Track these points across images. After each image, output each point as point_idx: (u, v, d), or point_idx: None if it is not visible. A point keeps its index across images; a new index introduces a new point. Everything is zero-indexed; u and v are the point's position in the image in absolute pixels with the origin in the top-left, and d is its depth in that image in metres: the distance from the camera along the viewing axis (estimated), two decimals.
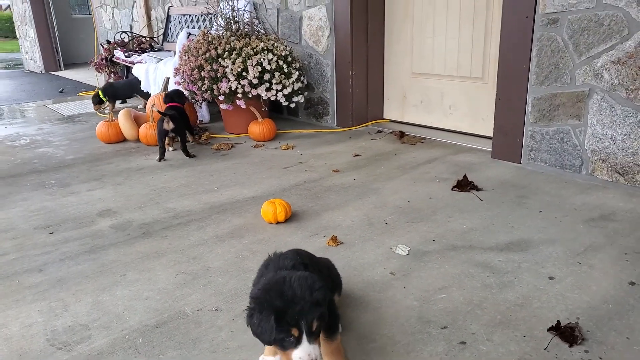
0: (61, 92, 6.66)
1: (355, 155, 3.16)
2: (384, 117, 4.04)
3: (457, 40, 3.37)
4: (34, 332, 1.48)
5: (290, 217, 2.22)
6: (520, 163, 2.88)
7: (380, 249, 1.94)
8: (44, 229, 2.20)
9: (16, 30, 10.48)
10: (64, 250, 2.00)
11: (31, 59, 9.90)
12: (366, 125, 3.91)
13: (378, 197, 2.46)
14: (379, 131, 3.74)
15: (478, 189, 2.52)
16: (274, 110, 4.44)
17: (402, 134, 3.51)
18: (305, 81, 3.76)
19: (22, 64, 10.70)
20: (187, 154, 3.19)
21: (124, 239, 2.09)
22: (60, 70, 9.43)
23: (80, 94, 6.15)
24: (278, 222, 2.16)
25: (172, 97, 3.29)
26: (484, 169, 2.82)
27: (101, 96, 4.54)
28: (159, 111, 3.19)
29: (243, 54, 3.37)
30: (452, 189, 2.53)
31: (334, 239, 2.00)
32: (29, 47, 9.88)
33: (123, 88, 4.69)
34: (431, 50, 3.55)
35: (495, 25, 3.10)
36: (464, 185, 2.55)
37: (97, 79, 6.48)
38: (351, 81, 3.73)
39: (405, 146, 3.34)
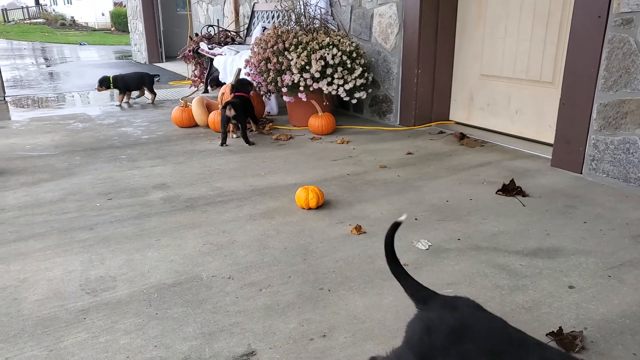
0: (157, 80, 7.24)
1: (408, 154, 3.15)
2: (450, 118, 3.96)
3: (528, 42, 3.23)
4: (72, 278, 1.69)
5: (323, 205, 2.29)
6: (581, 173, 2.71)
7: (402, 242, 1.95)
8: (104, 195, 2.46)
9: (128, 25, 11.51)
10: (115, 214, 2.22)
11: (138, 51, 10.83)
12: (429, 126, 3.86)
13: (416, 194, 2.46)
14: (441, 132, 3.68)
15: (524, 195, 2.42)
16: (341, 107, 4.52)
17: (462, 136, 3.43)
18: (370, 78, 3.80)
19: (130, 55, 11.75)
20: (247, 142, 3.36)
21: (169, 209, 2.28)
22: (162, 62, 10.22)
23: (170, 82, 6.67)
24: (310, 208, 2.24)
25: (238, 87, 3.48)
26: (539, 176, 2.69)
27: (110, 83, 4.94)
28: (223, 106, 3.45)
29: (308, 48, 3.48)
30: (496, 193, 2.45)
31: (358, 227, 2.04)
32: (137, 40, 10.82)
33: (130, 80, 5.11)
34: (501, 52, 3.43)
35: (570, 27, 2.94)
36: (509, 189, 2.46)
37: (187, 70, 6.96)
38: (416, 80, 3.71)
39: (463, 148, 3.27)
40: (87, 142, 3.52)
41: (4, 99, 5.50)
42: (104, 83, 4.93)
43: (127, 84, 5.06)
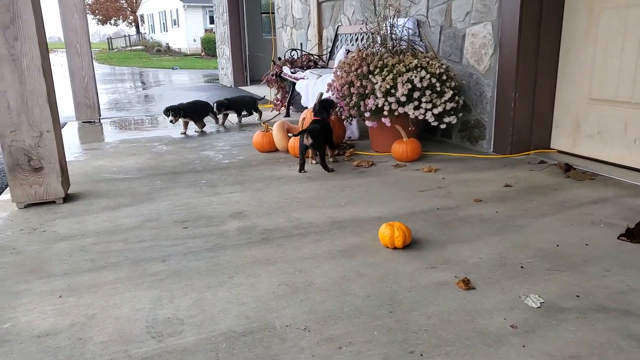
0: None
1: (506, 186, 2.82)
2: (551, 146, 3.56)
3: None
4: (138, 317, 1.57)
5: (409, 244, 2.04)
6: None
7: (506, 295, 1.66)
8: (180, 223, 2.38)
9: (217, 50, 11.98)
10: (189, 245, 2.12)
11: (225, 75, 11.20)
12: (527, 154, 3.49)
13: (520, 235, 2.14)
14: (542, 162, 3.30)
15: None
16: (427, 131, 4.26)
17: (568, 167, 3.04)
18: (461, 101, 3.51)
19: (217, 79, 12.19)
20: (326, 169, 3.20)
21: (244, 242, 2.15)
22: (247, 85, 10.48)
23: None
24: (395, 248, 2.00)
25: (316, 111, 3.35)
26: None
27: (180, 112, 4.67)
28: (290, 134, 3.38)
29: (394, 71, 3.28)
30: (618, 238, 2.08)
31: (466, 282, 1.72)
32: (224, 64, 11.21)
33: (187, 109, 4.77)
34: (616, 73, 3.02)
35: None
36: (636, 234, 2.07)
37: (270, 93, 7.01)
38: (513, 104, 3.37)
39: (570, 181, 2.88)
40: (169, 166, 3.53)
41: (99, 121, 5.80)
42: (170, 112, 4.66)
43: (185, 113, 4.76)
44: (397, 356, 1.35)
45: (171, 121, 4.65)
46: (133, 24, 49.34)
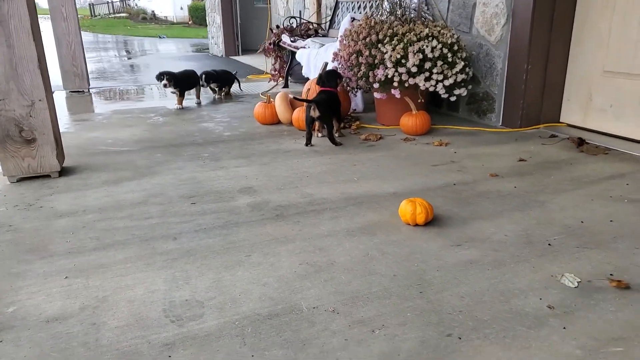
0: (235, 74, 7.17)
1: (520, 160, 2.75)
2: (561, 120, 3.49)
3: None
4: (154, 300, 1.48)
5: (431, 221, 1.96)
6: None
7: (538, 274, 1.59)
8: (187, 199, 2.27)
9: (206, 18, 11.63)
10: (200, 222, 2.02)
11: (215, 44, 10.90)
12: (537, 128, 3.41)
13: (542, 212, 2.07)
14: (553, 135, 3.23)
15: None
16: (433, 104, 4.15)
17: (581, 141, 2.97)
18: (470, 73, 3.40)
19: (207, 48, 11.87)
20: (333, 142, 3.09)
21: (258, 218, 2.05)
22: (238, 55, 10.21)
23: (248, 76, 6.54)
24: (416, 225, 1.92)
25: (323, 80, 3.19)
26: None
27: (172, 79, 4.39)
28: (296, 98, 3.21)
29: (405, 40, 3.15)
30: None
31: (621, 284, 1.50)
32: (214, 33, 10.89)
33: (179, 78, 4.50)
34: (633, 46, 2.93)
35: None
36: None
37: (265, 63, 6.82)
38: (525, 76, 3.27)
39: (584, 156, 2.82)
40: (167, 138, 3.39)
41: (89, 91, 5.59)
42: (165, 76, 4.38)
43: (176, 83, 4.47)
44: (435, 339, 1.28)
45: (165, 85, 4.36)
46: None
